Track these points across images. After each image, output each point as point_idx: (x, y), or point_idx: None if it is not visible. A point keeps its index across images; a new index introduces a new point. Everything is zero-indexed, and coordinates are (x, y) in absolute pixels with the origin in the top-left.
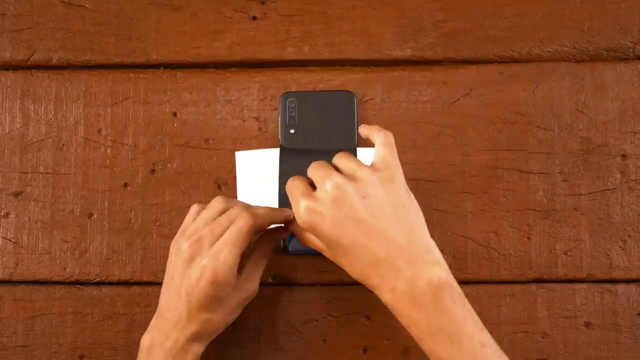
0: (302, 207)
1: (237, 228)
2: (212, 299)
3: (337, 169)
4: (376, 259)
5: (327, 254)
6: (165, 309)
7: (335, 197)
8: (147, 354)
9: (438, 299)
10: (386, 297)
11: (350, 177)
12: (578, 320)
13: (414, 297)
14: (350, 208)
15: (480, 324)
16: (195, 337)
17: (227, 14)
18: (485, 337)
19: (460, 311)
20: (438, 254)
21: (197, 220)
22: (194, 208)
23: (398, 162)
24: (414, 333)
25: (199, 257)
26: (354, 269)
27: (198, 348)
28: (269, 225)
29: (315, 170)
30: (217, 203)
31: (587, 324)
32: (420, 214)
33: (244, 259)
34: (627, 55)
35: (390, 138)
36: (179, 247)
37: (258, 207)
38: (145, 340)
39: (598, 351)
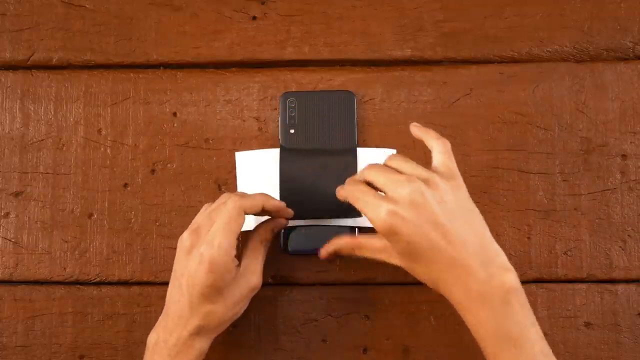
0: (384, 211)
1: (227, 210)
2: (212, 288)
3: (395, 168)
4: (453, 262)
5: (398, 260)
6: (169, 305)
7: (415, 201)
8: (152, 352)
9: (507, 302)
10: (458, 297)
11: (426, 181)
12: (578, 320)
13: (485, 299)
14: (430, 212)
15: (541, 333)
16: (198, 332)
17: (227, 14)
18: (546, 347)
19: (527, 317)
20: (506, 259)
21: (199, 214)
22: (204, 206)
23: (457, 169)
24: (479, 333)
25: (197, 246)
26: (430, 272)
27: (202, 344)
28: (260, 209)
29: (382, 174)
30: (222, 198)
31: (587, 324)
32: (484, 220)
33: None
34: (627, 55)
35: (449, 145)
36: (181, 239)
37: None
38: (151, 338)
39: (598, 351)
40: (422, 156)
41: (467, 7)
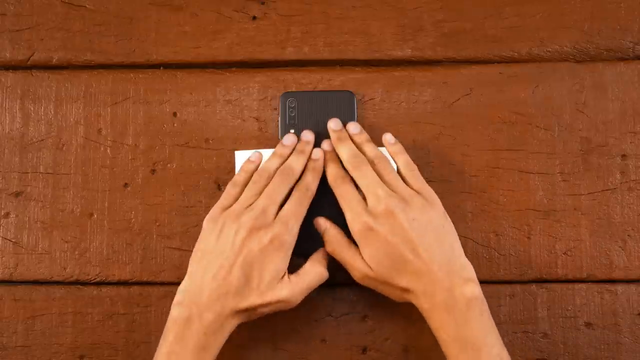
0: (361, 217)
1: (300, 201)
2: (280, 271)
3: (378, 173)
4: (420, 273)
5: (363, 265)
6: (206, 280)
7: (389, 217)
8: (183, 328)
9: (469, 309)
10: (424, 304)
11: (402, 200)
12: (578, 320)
13: (448, 306)
14: (401, 228)
15: (500, 340)
16: (242, 312)
17: (227, 14)
18: (504, 353)
19: (486, 324)
20: (473, 274)
21: (232, 187)
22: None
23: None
24: (442, 337)
25: (265, 229)
26: (399, 282)
27: (237, 321)
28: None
29: (367, 179)
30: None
31: (587, 324)
32: (456, 235)
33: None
34: (627, 55)
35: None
36: (240, 220)
37: None
38: (181, 312)
39: (598, 351)
40: (422, 156)
41: (467, 7)
